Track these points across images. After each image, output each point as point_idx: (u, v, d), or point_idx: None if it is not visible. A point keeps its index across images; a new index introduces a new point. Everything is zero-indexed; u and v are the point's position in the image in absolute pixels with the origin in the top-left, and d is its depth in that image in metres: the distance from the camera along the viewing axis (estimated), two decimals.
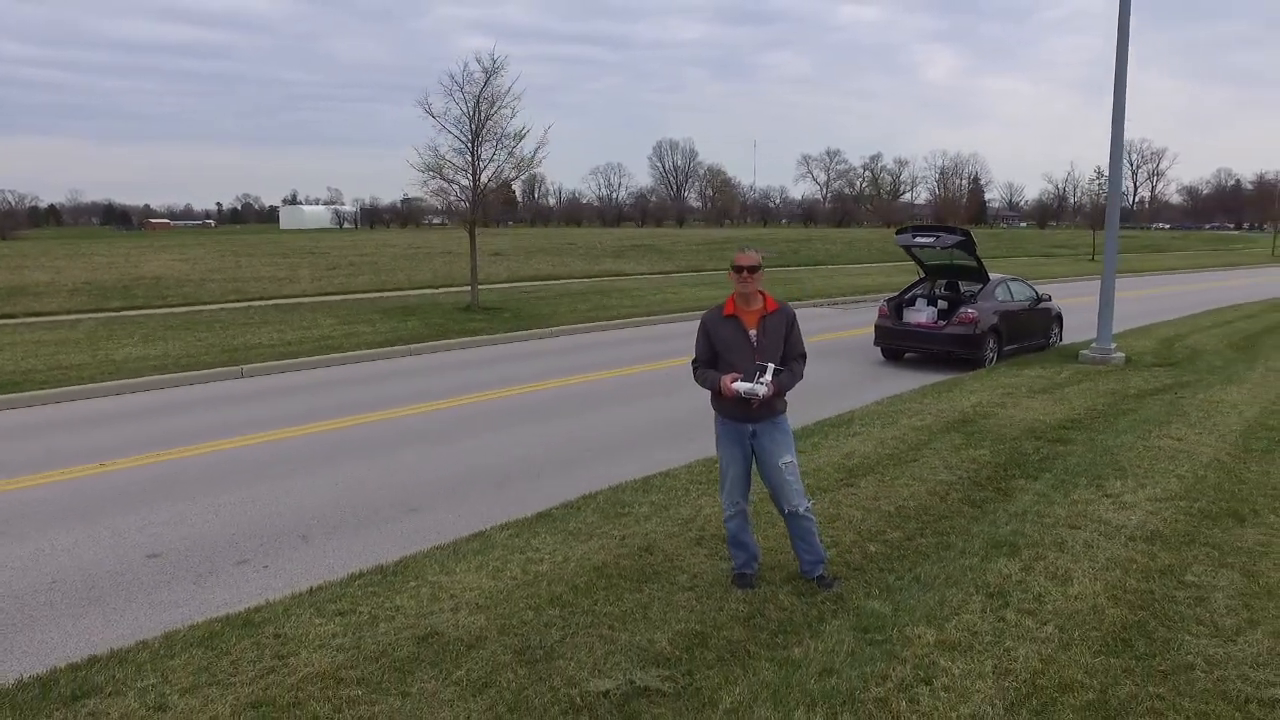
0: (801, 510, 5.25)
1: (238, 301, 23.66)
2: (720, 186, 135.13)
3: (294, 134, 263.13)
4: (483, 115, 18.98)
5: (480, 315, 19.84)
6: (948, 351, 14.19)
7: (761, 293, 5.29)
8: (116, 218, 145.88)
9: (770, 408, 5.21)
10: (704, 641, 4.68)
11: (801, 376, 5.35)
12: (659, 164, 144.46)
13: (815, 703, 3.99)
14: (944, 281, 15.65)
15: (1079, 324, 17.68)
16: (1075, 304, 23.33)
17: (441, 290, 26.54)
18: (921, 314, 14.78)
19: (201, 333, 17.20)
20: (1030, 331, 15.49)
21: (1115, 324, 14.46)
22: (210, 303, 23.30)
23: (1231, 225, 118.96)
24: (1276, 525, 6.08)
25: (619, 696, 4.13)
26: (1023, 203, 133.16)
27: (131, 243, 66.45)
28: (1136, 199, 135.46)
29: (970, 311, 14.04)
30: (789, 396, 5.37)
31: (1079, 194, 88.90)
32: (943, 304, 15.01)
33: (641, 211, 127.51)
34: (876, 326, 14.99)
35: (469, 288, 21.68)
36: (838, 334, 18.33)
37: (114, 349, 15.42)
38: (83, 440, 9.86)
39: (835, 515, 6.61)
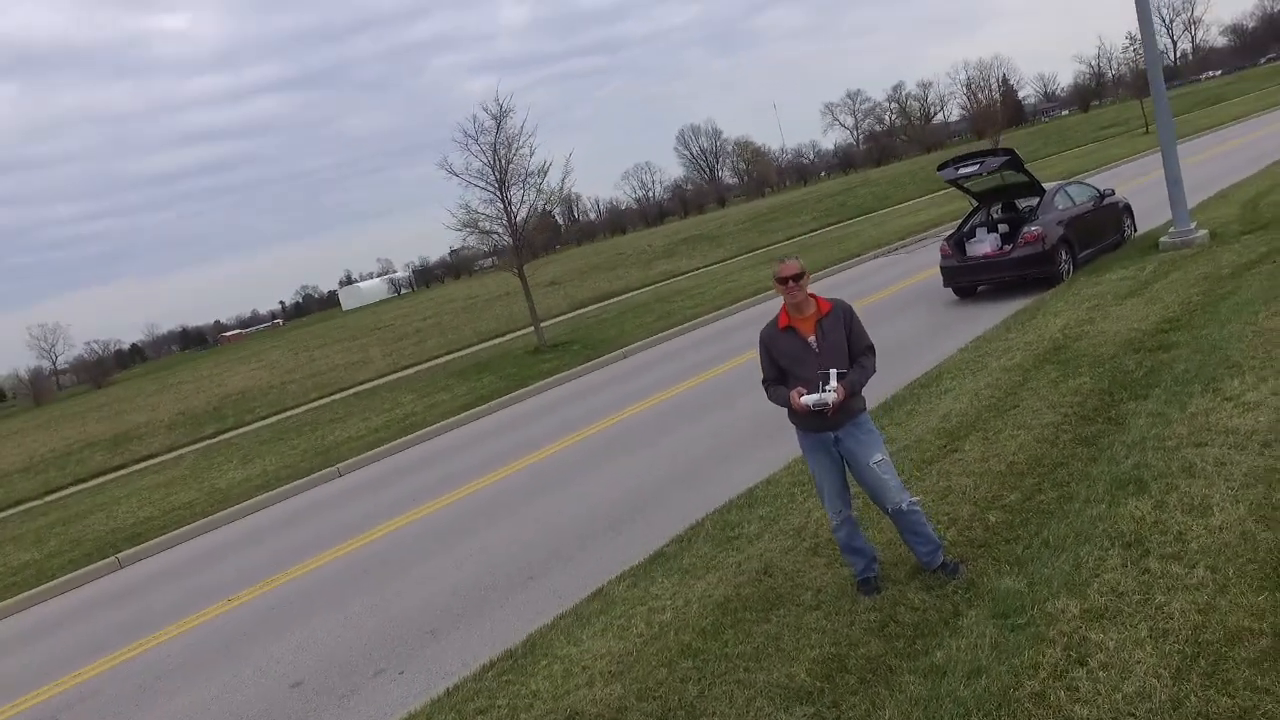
0: (905, 506, 5.08)
1: (321, 398, 24.28)
2: (752, 157, 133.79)
3: (331, 218, 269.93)
4: (503, 161, 19.11)
5: (550, 354, 19.95)
6: (1020, 276, 13.69)
7: (813, 296, 5.12)
8: (193, 340, 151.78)
9: (848, 410, 5.04)
10: (843, 664, 4.55)
11: (874, 370, 5.16)
12: (686, 151, 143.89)
13: (969, 712, 3.82)
14: (999, 205, 15.12)
15: (1152, 205, 16.92)
16: (1143, 185, 22.36)
17: (508, 336, 26.79)
18: (984, 244, 14.30)
19: (294, 439, 17.67)
20: (1101, 232, 14.84)
21: (1189, 196, 13.75)
22: (295, 406, 23.96)
23: None
24: None
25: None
26: (1059, 91, 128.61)
27: (211, 361, 69.13)
28: (1179, 54, 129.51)
29: (1034, 229, 13.51)
30: (867, 391, 5.19)
31: (1115, 66, 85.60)
32: (1004, 228, 14.51)
33: (681, 203, 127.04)
34: (942, 267, 14.56)
35: (534, 329, 21.82)
36: (908, 281, 17.87)
37: (217, 477, 15.94)
38: (209, 578, 10.18)
39: (948, 488, 6.39)
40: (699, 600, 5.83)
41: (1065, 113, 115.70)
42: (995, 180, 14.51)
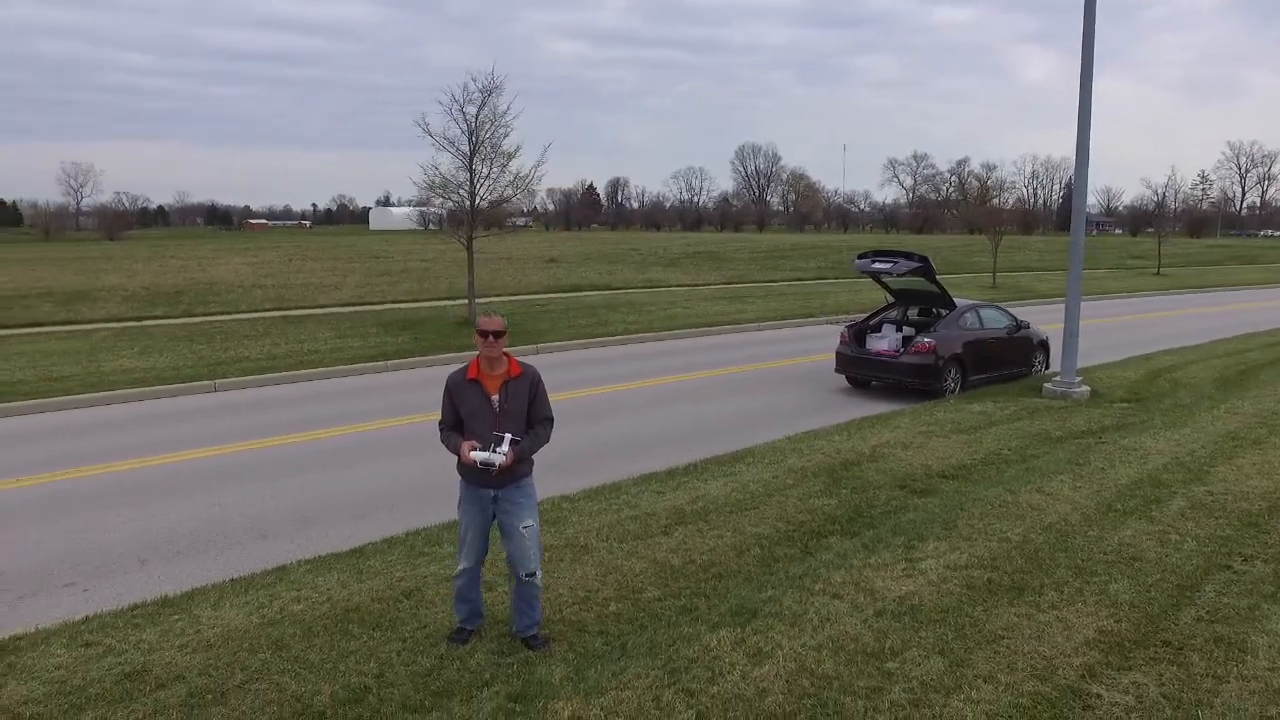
0: (534, 576, 5.36)
1: (269, 310, 24.61)
2: (804, 191, 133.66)
3: (386, 138, 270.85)
4: (478, 135, 19.34)
5: (471, 330, 20.17)
6: (905, 381, 13.88)
7: (507, 354, 5.30)
8: (219, 218, 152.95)
9: (513, 474, 5.26)
10: (363, 698, 4.81)
11: (547, 440, 5.38)
12: (741, 168, 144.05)
13: None
14: (917, 308, 15.29)
15: (1097, 347, 17.15)
16: (1103, 325, 22.42)
17: (462, 302, 27.06)
18: (884, 340, 14.49)
19: (199, 345, 18.02)
20: (1004, 360, 14.99)
21: (1128, 349, 14.13)
22: (243, 311, 24.31)
23: None
24: (1047, 602, 5.81)
25: None
26: (1120, 208, 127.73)
27: (221, 244, 69.66)
28: (1245, 204, 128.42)
29: (927, 340, 13.69)
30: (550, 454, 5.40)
31: (1179, 199, 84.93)
32: (909, 330, 14.68)
33: (722, 216, 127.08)
34: (837, 352, 14.75)
35: (490, 299, 22.03)
36: (823, 356, 18.00)
37: (108, 361, 16.30)
38: (43, 450, 10.53)
39: (615, 568, 6.62)
40: (335, 601, 6.09)
41: (1118, 231, 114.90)
42: (918, 284, 14.66)
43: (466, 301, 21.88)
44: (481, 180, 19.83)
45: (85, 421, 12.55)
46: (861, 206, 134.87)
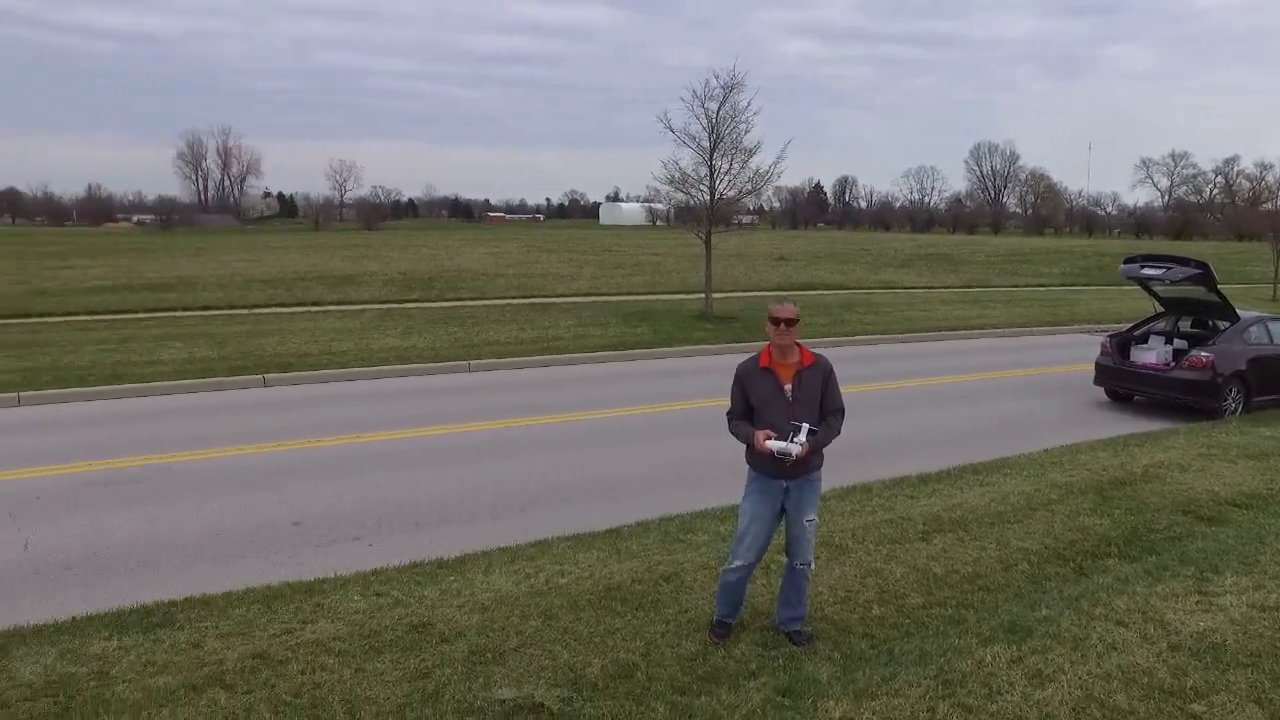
0: (807, 565, 5.32)
1: (513, 298, 25.99)
2: (1043, 192, 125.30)
3: (620, 136, 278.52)
4: (719, 130, 19.51)
5: (710, 324, 20.41)
6: (1176, 398, 12.70)
7: (799, 345, 5.24)
8: (461, 211, 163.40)
9: (806, 465, 5.16)
10: (631, 674, 4.94)
11: (839, 432, 5.28)
12: (976, 167, 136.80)
13: None
14: (1190, 319, 13.96)
15: None
16: None
17: (696, 296, 27.41)
18: (1151, 353, 13.31)
19: (454, 328, 19.28)
20: None
21: None
22: (490, 298, 25.82)
23: None
24: None
25: (511, 706, 4.55)
26: None
27: (464, 235, 74.34)
28: None
29: (1204, 355, 12.44)
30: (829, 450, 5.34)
31: None
32: (1180, 343, 13.42)
33: (954, 217, 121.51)
34: (1097, 363, 13.70)
35: (723, 295, 22.25)
36: (1076, 367, 16.81)
37: (376, 339, 17.77)
38: (310, 417, 11.69)
39: (875, 570, 6.46)
40: (600, 577, 6.31)
41: None
42: (1194, 292, 13.39)
43: (703, 296, 22.12)
44: (721, 176, 20.00)
45: (356, 392, 13.73)
46: (1108, 209, 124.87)
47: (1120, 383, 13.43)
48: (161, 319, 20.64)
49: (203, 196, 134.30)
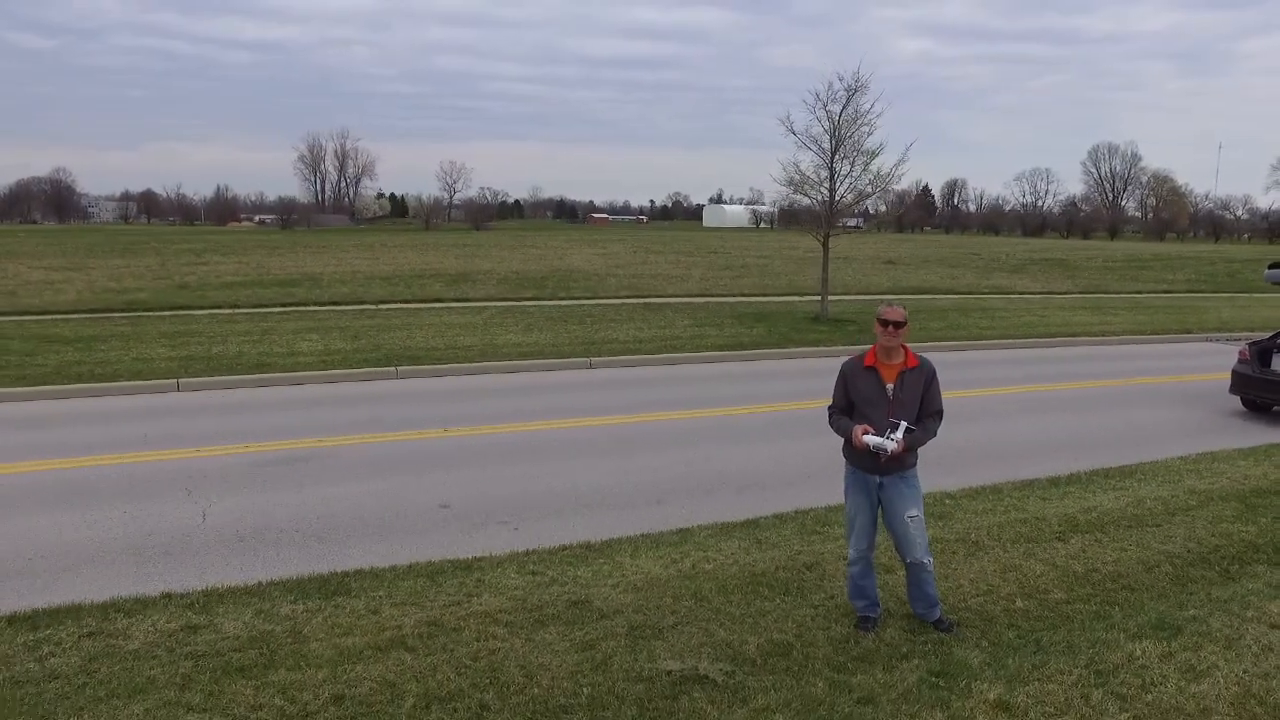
0: (923, 561, 5.48)
1: (626, 298, 26.51)
2: (1167, 195, 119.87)
3: (725, 137, 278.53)
4: (841, 132, 19.56)
5: (825, 326, 20.48)
6: None
7: (904, 347, 5.46)
8: (566, 212, 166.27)
9: (900, 462, 5.40)
10: (788, 652, 5.21)
11: (935, 434, 5.49)
12: (1093, 169, 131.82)
13: None
14: None
15: None
16: None
17: (807, 297, 27.44)
18: None
19: (573, 326, 19.84)
20: None
21: None
22: (603, 297, 26.39)
23: None
24: None
25: (678, 677, 4.87)
26: None
27: (569, 236, 75.60)
28: None
29: None
30: (923, 451, 5.56)
31: None
32: None
33: (1068, 221, 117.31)
34: (1234, 371, 13.28)
35: (834, 297, 22.30)
36: (1207, 375, 16.30)
37: (499, 335, 18.45)
38: (445, 410, 12.29)
39: (1014, 566, 6.57)
40: (744, 564, 6.60)
41: None
42: None
43: (818, 297, 22.18)
44: (842, 179, 20.05)
45: (483, 386, 14.33)
46: (1238, 213, 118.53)
47: (1259, 392, 13.01)
48: (293, 313, 21.81)
49: (320, 197, 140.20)
